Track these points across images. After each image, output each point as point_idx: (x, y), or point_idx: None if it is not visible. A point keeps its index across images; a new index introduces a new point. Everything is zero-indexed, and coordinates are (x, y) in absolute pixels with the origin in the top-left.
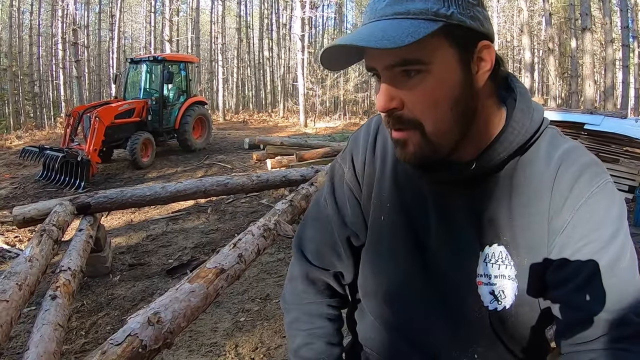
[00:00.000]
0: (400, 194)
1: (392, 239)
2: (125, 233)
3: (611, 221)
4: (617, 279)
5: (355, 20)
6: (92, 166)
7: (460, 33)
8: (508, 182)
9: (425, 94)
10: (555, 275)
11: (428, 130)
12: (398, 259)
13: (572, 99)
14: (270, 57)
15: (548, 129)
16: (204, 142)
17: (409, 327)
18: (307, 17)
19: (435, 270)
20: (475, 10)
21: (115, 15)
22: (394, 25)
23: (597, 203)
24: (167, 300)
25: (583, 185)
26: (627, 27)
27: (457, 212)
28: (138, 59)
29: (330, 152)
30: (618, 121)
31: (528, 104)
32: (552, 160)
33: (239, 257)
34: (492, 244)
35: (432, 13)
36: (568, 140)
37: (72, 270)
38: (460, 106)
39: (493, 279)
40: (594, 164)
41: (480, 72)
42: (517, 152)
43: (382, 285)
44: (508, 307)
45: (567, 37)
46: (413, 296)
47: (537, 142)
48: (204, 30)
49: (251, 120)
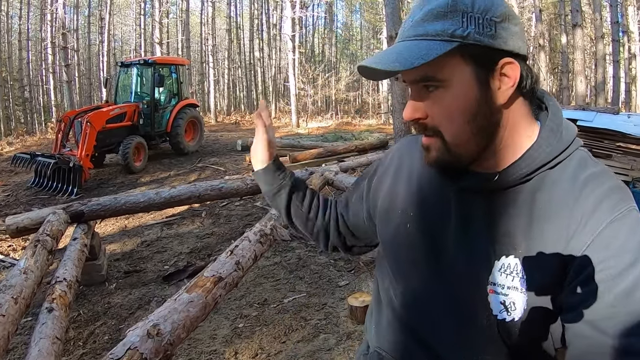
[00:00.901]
0: (424, 203)
1: (415, 247)
2: (120, 239)
3: (632, 248)
4: (632, 307)
5: (346, 19)
6: (84, 172)
7: (477, 52)
8: (530, 198)
9: (443, 108)
10: (569, 298)
11: (447, 140)
12: (417, 265)
13: (563, 95)
14: (261, 57)
15: (579, 150)
16: (196, 144)
17: (422, 330)
18: (298, 17)
19: (450, 275)
20: (498, 27)
21: (104, 18)
22: (410, 47)
23: (619, 229)
24: (166, 312)
25: (606, 209)
26: (617, 22)
27: (477, 221)
28: (128, 63)
29: (323, 153)
30: (611, 117)
31: (558, 123)
32: (577, 182)
33: (237, 265)
34: (508, 255)
35: (448, 34)
36: (598, 164)
37: (67, 281)
38: (478, 120)
39: (505, 289)
40: (619, 190)
41: (502, 89)
42: (540, 169)
43: (401, 288)
44: (517, 319)
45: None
46: (428, 299)
47: (566, 161)
48: (194, 32)
49: (243, 121)
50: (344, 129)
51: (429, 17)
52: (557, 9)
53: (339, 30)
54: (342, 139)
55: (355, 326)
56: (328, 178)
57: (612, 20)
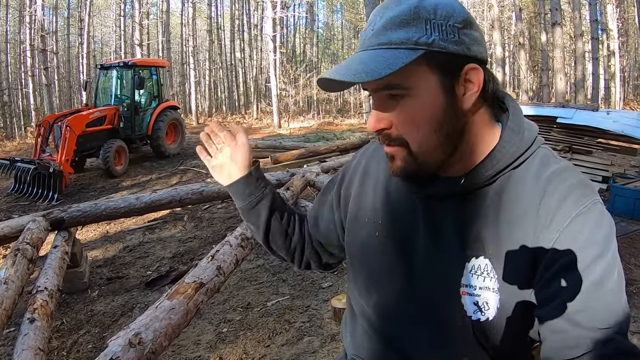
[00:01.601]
0: (392, 211)
1: (385, 256)
2: (102, 245)
3: (598, 241)
4: (601, 298)
5: (327, 19)
6: (64, 177)
7: (442, 59)
8: (497, 198)
9: (409, 116)
10: (540, 294)
11: (413, 149)
12: (389, 274)
13: (544, 92)
14: (242, 58)
15: (541, 148)
16: (177, 147)
17: (398, 337)
18: (279, 17)
19: (422, 281)
20: (461, 34)
21: (84, 20)
22: (375, 56)
23: (584, 223)
24: (147, 320)
25: (570, 205)
26: (596, 20)
27: (446, 226)
28: (108, 65)
29: (305, 154)
30: (590, 114)
31: (519, 123)
32: (541, 179)
33: (218, 270)
34: (478, 257)
35: (413, 42)
36: (560, 161)
37: (49, 290)
38: (444, 128)
39: (477, 290)
40: (583, 185)
41: (467, 94)
42: (505, 169)
43: (373, 297)
44: (491, 318)
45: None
46: (402, 307)
47: (529, 160)
48: (175, 33)
49: (225, 122)
50: (326, 129)
51: (391, 25)
52: (536, 8)
53: (320, 30)
54: (323, 139)
55: (339, 328)
56: (309, 179)
57: (591, 18)
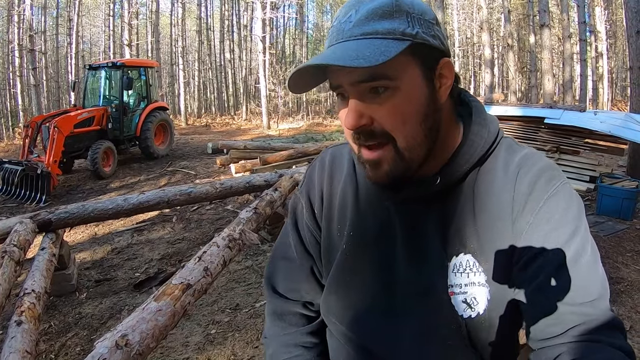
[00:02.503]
0: (363, 221)
1: (359, 267)
2: (90, 247)
3: (570, 220)
4: (579, 273)
5: (317, 20)
6: (52, 179)
7: (424, 51)
8: (470, 192)
9: (395, 110)
10: (520, 276)
11: (401, 145)
12: (365, 285)
13: (532, 93)
14: (231, 59)
15: (504, 139)
16: (166, 148)
17: (379, 349)
18: (268, 18)
19: (404, 289)
20: (435, 29)
21: (73, 20)
22: (366, 44)
23: (555, 204)
24: (134, 321)
25: (541, 188)
26: (584, 22)
27: (423, 227)
28: (97, 65)
29: (294, 155)
30: (577, 114)
31: (484, 117)
32: (510, 167)
33: (205, 271)
34: (459, 254)
35: (400, 33)
36: (524, 148)
37: (36, 292)
38: (428, 121)
39: (463, 287)
40: (550, 167)
41: (442, 88)
42: (477, 163)
43: (348, 311)
44: (482, 312)
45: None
46: (381, 318)
47: (495, 152)
48: (164, 34)
49: (214, 123)
50: (315, 130)
51: (374, 16)
52: (525, 10)
53: (310, 31)
54: (313, 140)
55: None
56: (298, 180)
57: (579, 20)
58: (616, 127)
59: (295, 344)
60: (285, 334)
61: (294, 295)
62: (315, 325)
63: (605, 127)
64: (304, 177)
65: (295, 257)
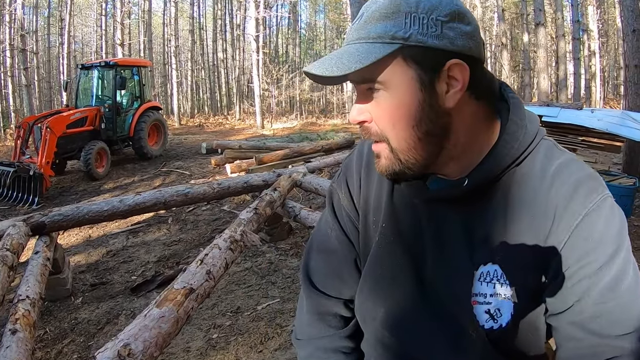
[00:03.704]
0: (395, 215)
1: (390, 261)
2: (84, 250)
3: (610, 239)
4: (619, 300)
5: (310, 19)
6: (45, 180)
7: (420, 53)
8: (502, 199)
9: (385, 111)
10: (553, 299)
11: (393, 146)
12: (395, 281)
13: (525, 91)
14: (224, 58)
15: (544, 140)
16: (160, 148)
17: (409, 350)
18: (261, 17)
19: (431, 291)
20: (445, 27)
21: (65, 19)
22: (352, 50)
23: (595, 221)
24: (136, 329)
25: (579, 202)
26: (578, 21)
27: (451, 231)
28: (89, 65)
29: (290, 154)
30: (574, 112)
31: (521, 116)
32: (546, 175)
33: (208, 274)
34: (487, 263)
35: (389, 36)
36: (564, 153)
37: (31, 298)
38: (423, 126)
39: (488, 297)
40: (590, 178)
41: (451, 92)
42: (510, 165)
43: (380, 309)
44: (504, 325)
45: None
46: (411, 318)
47: (532, 154)
48: (157, 33)
49: (207, 123)
50: (309, 130)
51: (372, 19)
52: (519, 9)
53: (303, 31)
54: (307, 139)
55: None
56: (296, 180)
57: (572, 19)
58: (613, 125)
59: (334, 349)
60: (324, 337)
61: (334, 292)
62: (353, 327)
63: (602, 125)
64: (341, 167)
65: (337, 249)
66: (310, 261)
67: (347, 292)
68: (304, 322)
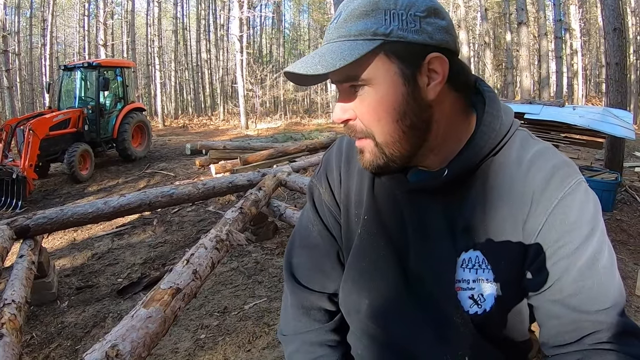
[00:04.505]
0: (377, 207)
1: (373, 253)
2: (69, 253)
3: (586, 221)
4: (595, 279)
5: (293, 19)
6: (28, 183)
7: (401, 48)
8: (481, 187)
9: (370, 108)
10: (533, 280)
11: (379, 141)
12: (379, 272)
13: (508, 90)
14: (208, 59)
15: (519, 130)
16: (144, 150)
17: (396, 340)
18: (245, 17)
19: (415, 280)
20: (423, 23)
21: (47, 20)
22: (334, 48)
23: (570, 204)
24: (124, 330)
25: (554, 186)
26: (560, 20)
27: (432, 221)
28: (72, 66)
29: (275, 154)
30: (557, 109)
31: (497, 107)
32: (522, 163)
33: (194, 274)
34: (468, 250)
35: (371, 33)
36: (539, 142)
37: (17, 303)
38: (407, 119)
39: (471, 283)
40: (565, 164)
41: (431, 84)
42: (488, 155)
43: (364, 301)
44: (488, 309)
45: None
46: (396, 308)
47: (508, 144)
48: (140, 34)
49: (191, 124)
50: (294, 129)
51: (352, 17)
52: (501, 8)
53: (287, 31)
54: (292, 139)
55: None
56: (281, 179)
57: (555, 18)
58: (595, 122)
59: (320, 343)
60: (309, 331)
61: (318, 286)
62: (338, 321)
63: (584, 122)
64: (320, 162)
65: (319, 243)
66: (293, 257)
67: (331, 285)
68: (289, 318)
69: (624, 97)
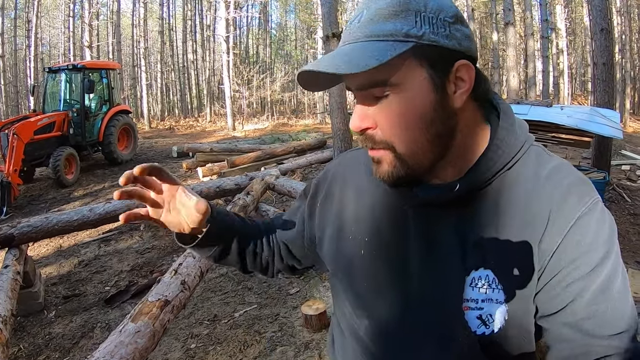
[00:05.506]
0: (379, 225)
1: (373, 273)
2: (56, 261)
3: (602, 243)
4: (609, 303)
5: (280, 19)
6: (13, 189)
7: (433, 53)
8: (494, 203)
9: (395, 115)
10: (546, 302)
11: (400, 151)
12: (381, 293)
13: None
14: (194, 60)
15: (533, 146)
16: (130, 153)
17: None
18: (232, 17)
19: (420, 299)
20: (452, 29)
21: (31, 21)
22: (362, 48)
23: (587, 224)
24: (112, 346)
25: (572, 206)
26: (546, 20)
27: (441, 236)
28: (56, 68)
29: (262, 156)
30: (545, 109)
31: (512, 122)
32: (538, 180)
33: (182, 284)
34: (479, 268)
35: (403, 34)
36: (554, 158)
37: (2, 316)
38: (434, 127)
39: (480, 303)
40: (582, 182)
41: (458, 92)
42: (501, 170)
43: (365, 322)
44: (496, 330)
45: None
46: (399, 329)
47: (522, 159)
48: (126, 34)
49: (178, 126)
50: (281, 130)
51: (379, 16)
52: (488, 8)
53: (274, 31)
54: (279, 140)
55: (311, 335)
56: (269, 182)
57: (541, 18)
58: (582, 121)
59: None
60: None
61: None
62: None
63: (572, 122)
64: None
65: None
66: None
67: (286, 235)
68: None
69: (610, 97)
